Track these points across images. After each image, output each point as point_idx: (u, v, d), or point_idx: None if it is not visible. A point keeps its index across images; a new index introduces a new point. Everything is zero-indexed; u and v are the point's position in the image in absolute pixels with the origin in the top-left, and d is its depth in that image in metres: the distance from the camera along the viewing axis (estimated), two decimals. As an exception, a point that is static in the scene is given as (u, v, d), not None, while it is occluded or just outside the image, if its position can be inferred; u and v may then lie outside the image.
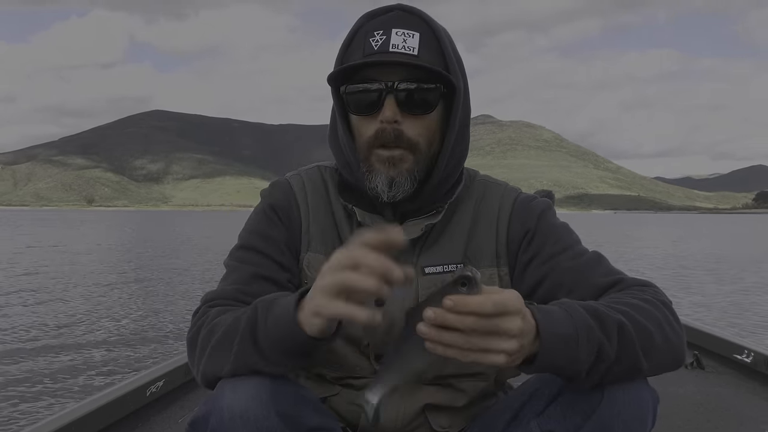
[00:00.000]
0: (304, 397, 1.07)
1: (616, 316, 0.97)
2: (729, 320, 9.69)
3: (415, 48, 1.13)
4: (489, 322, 0.83)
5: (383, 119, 1.13)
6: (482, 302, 0.82)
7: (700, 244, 32.73)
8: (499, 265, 1.23)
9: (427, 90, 1.14)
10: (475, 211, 1.25)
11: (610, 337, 0.95)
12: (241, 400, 1.00)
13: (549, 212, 1.26)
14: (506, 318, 0.84)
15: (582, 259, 1.19)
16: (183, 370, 2.84)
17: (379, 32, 1.14)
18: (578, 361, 0.93)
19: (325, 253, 1.22)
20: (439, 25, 1.18)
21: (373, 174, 1.17)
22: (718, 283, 14.99)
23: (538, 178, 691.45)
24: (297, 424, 1.03)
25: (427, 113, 1.15)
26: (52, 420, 2.01)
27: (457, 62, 1.18)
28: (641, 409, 1.01)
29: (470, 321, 0.82)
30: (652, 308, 1.04)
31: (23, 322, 9.22)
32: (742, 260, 22.09)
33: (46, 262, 19.12)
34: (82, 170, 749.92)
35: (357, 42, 1.17)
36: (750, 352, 3.20)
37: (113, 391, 2.38)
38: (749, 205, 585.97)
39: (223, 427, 0.99)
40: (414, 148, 1.16)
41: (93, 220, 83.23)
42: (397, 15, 1.16)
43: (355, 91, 1.16)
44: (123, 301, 11.45)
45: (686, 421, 2.64)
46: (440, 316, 0.82)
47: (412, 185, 1.17)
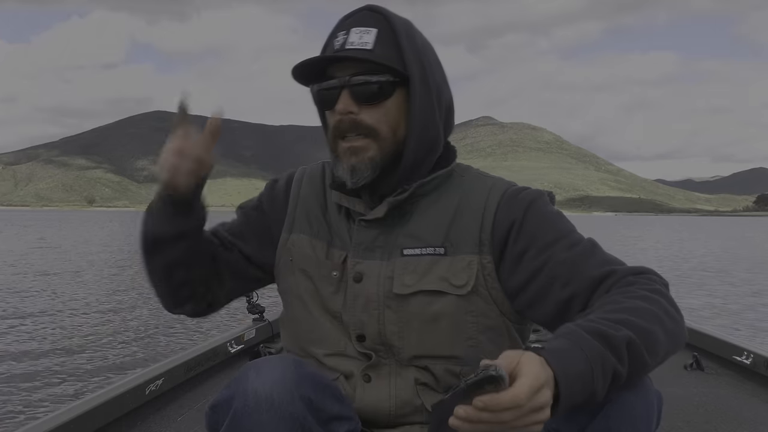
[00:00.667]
0: (327, 385, 1.10)
1: (622, 333, 0.96)
2: (749, 323, 9.61)
3: (370, 43, 1.21)
4: (524, 409, 0.83)
5: (338, 111, 1.22)
6: (515, 397, 0.82)
7: (710, 245, 32.61)
8: (481, 253, 1.22)
9: (377, 81, 1.21)
10: (462, 199, 1.27)
11: (621, 358, 0.95)
12: (267, 384, 1.01)
13: (539, 202, 1.25)
14: (538, 395, 0.84)
15: (576, 250, 1.18)
16: (182, 368, 2.85)
17: (342, 32, 1.23)
18: (595, 394, 0.93)
19: (309, 234, 1.32)
20: (400, 20, 1.25)
21: (338, 163, 1.25)
22: (732, 285, 14.90)
23: (538, 180, 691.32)
24: (319, 410, 1.05)
25: (382, 101, 1.22)
26: (50, 418, 2.00)
27: (415, 53, 1.23)
28: (647, 410, 1.02)
29: (506, 416, 0.82)
30: (650, 304, 1.04)
31: (24, 320, 9.13)
32: (754, 261, 22.01)
33: (49, 260, 19.05)
34: (82, 171, 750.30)
35: (327, 42, 1.26)
36: (750, 354, 3.20)
37: (112, 389, 2.38)
38: (750, 207, 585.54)
39: (248, 410, 1.00)
40: (375, 135, 1.22)
41: (99, 220, 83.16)
42: (361, 15, 1.25)
43: (319, 89, 1.25)
44: (122, 299, 11.38)
45: (686, 423, 2.64)
46: (474, 416, 0.82)
47: (374, 172, 1.23)
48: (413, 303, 1.22)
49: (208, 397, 2.78)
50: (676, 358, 3.78)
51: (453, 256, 1.22)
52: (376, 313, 1.23)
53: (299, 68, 1.24)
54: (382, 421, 1.24)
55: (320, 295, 1.29)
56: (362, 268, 1.25)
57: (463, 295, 1.21)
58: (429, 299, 1.21)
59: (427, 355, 1.24)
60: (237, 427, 1.01)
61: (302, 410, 1.02)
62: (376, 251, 1.26)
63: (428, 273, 1.22)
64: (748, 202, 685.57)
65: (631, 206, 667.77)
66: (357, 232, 1.28)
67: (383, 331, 1.23)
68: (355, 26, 1.23)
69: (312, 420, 1.03)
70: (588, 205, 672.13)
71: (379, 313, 1.23)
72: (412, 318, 1.22)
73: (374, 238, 1.27)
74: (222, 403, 1.04)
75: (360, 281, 1.25)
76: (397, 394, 1.24)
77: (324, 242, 1.31)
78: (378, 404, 1.24)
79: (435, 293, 1.21)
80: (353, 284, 1.25)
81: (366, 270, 1.25)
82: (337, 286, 1.27)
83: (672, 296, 1.10)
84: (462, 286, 1.21)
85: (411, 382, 1.24)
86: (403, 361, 1.25)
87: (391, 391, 1.24)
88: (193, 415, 2.59)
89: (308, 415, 1.02)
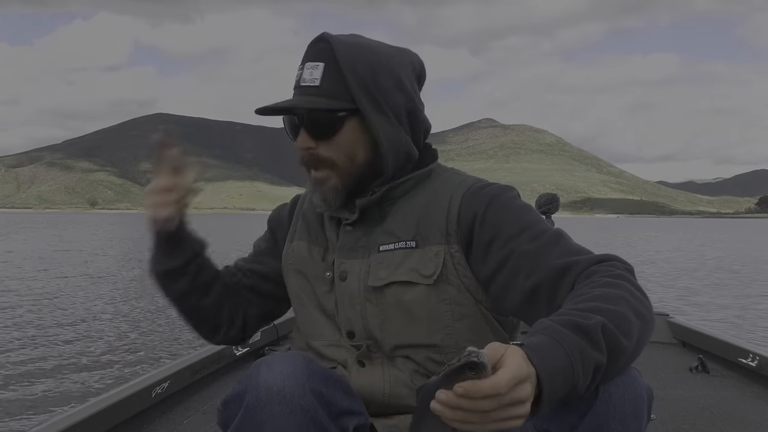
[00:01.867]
0: (337, 380, 1.12)
1: (594, 320, 0.96)
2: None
3: (318, 79, 1.26)
4: (504, 399, 0.83)
5: (297, 147, 1.30)
6: (495, 385, 0.82)
7: (717, 247, 32.53)
8: (448, 243, 1.27)
9: (328, 116, 1.27)
10: (432, 195, 1.32)
11: (598, 346, 0.95)
12: (278, 378, 1.03)
13: (505, 196, 1.28)
14: (519, 387, 0.84)
15: (540, 240, 1.20)
16: (188, 371, 2.87)
17: (300, 67, 1.29)
18: (577, 386, 0.93)
19: (307, 241, 1.41)
20: (344, 47, 1.27)
21: (312, 192, 1.36)
22: (737, 286, 14.89)
23: (540, 182, 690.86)
24: (330, 404, 1.07)
25: (335, 135, 1.28)
26: (57, 421, 2.02)
27: (360, 82, 1.26)
28: (636, 405, 1.02)
29: (486, 404, 0.82)
30: (615, 288, 1.05)
31: (29, 323, 9.15)
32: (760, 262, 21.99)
33: (55, 262, 19.06)
34: (85, 173, 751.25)
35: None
36: (755, 356, 3.17)
37: (118, 392, 2.39)
38: (752, 209, 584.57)
39: (260, 403, 1.02)
40: (333, 167, 1.29)
41: (102, 223, 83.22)
42: (313, 48, 1.29)
43: (285, 123, 1.34)
44: (128, 301, 11.39)
45: (691, 426, 2.62)
46: (454, 401, 0.83)
47: (341, 198, 1.31)
48: (388, 295, 1.27)
49: (213, 399, 2.80)
50: (680, 360, 3.67)
51: (423, 248, 1.27)
52: (359, 308, 1.29)
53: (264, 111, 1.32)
54: (377, 402, 1.27)
55: (316, 295, 1.37)
56: (346, 267, 1.32)
57: (432, 284, 1.25)
58: (402, 290, 1.26)
59: (407, 344, 1.28)
60: (249, 420, 1.03)
61: (313, 404, 1.03)
62: (358, 251, 1.32)
63: (401, 265, 1.27)
64: (750, 204, 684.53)
65: (632, 208, 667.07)
66: (342, 235, 1.35)
67: (367, 325, 1.29)
68: (308, 60, 1.28)
69: (323, 413, 1.05)
70: (590, 207, 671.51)
71: (362, 308, 1.29)
72: (389, 309, 1.27)
73: (357, 239, 1.34)
74: (234, 398, 1.06)
75: (345, 280, 1.32)
76: (391, 376, 1.28)
77: (321, 248, 1.39)
78: (373, 387, 1.28)
79: (406, 284, 1.26)
80: (340, 283, 1.33)
81: (349, 269, 1.32)
82: (330, 286, 1.34)
83: (636, 280, 1.11)
84: (430, 276, 1.25)
85: (403, 368, 1.29)
86: (388, 353, 1.30)
87: (384, 375, 1.28)
88: (199, 418, 2.60)
89: (319, 409, 1.04)
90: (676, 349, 4.03)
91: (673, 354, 3.90)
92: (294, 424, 1.02)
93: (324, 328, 1.35)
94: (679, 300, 12.54)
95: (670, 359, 3.76)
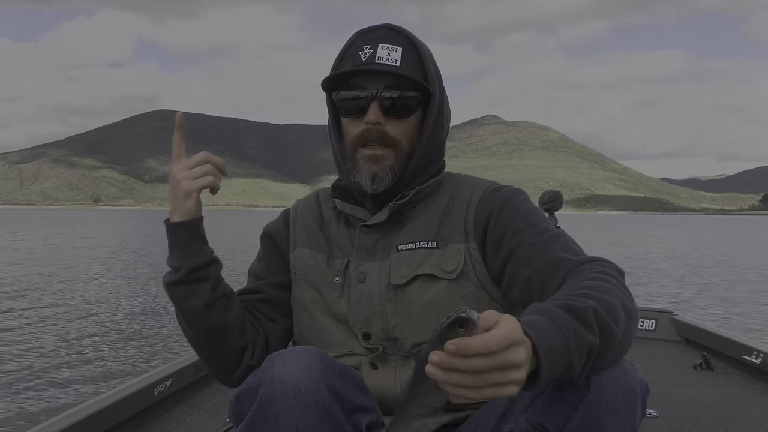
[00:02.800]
0: (352, 376, 1.12)
1: (587, 303, 0.99)
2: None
3: (398, 60, 1.30)
4: (496, 359, 0.83)
5: (368, 121, 1.30)
6: (486, 342, 0.82)
7: (720, 245, 32.42)
8: (467, 241, 1.31)
9: (407, 97, 1.31)
10: (450, 198, 1.38)
11: (591, 328, 0.96)
12: (293, 372, 1.03)
13: (517, 198, 1.35)
14: (511, 350, 0.84)
15: (542, 237, 1.26)
16: (191, 369, 2.86)
17: (367, 47, 1.31)
18: (573, 366, 0.94)
19: (309, 248, 1.41)
20: (421, 42, 1.35)
21: (358, 170, 1.33)
22: (741, 283, 14.79)
23: (544, 179, 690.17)
24: (344, 400, 1.07)
25: (407, 116, 1.32)
26: (60, 419, 2.02)
27: (435, 74, 1.34)
28: (629, 398, 1.02)
29: (477, 362, 0.82)
30: (603, 282, 1.08)
31: (33, 320, 9.10)
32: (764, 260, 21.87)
33: (61, 259, 19.03)
34: (88, 169, 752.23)
35: (349, 55, 1.34)
36: (759, 354, 3.17)
37: (121, 390, 2.39)
38: (756, 206, 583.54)
39: (275, 396, 1.02)
40: (396, 146, 1.32)
41: (105, 219, 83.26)
42: (384, 32, 1.33)
43: (346, 97, 1.33)
44: (131, 299, 11.34)
45: (695, 423, 2.62)
46: (446, 361, 0.82)
47: (392, 179, 1.32)
48: (410, 292, 1.29)
49: (216, 397, 2.80)
50: (684, 358, 3.67)
51: (443, 248, 1.31)
52: (379, 308, 1.30)
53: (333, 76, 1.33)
54: (387, 402, 1.28)
55: (325, 301, 1.36)
56: (365, 269, 1.34)
57: (454, 279, 1.29)
58: (424, 286, 1.29)
59: (426, 341, 1.23)
60: (263, 413, 1.03)
61: (327, 398, 1.04)
62: (377, 253, 1.34)
63: (423, 263, 1.30)
64: (753, 200, 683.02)
65: (637, 205, 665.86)
66: (358, 237, 1.36)
67: (386, 326, 1.30)
68: (382, 42, 1.31)
69: (337, 408, 1.05)
70: (593, 204, 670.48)
71: (382, 309, 1.30)
72: (410, 307, 1.29)
73: (375, 241, 1.35)
74: (248, 392, 1.06)
75: (363, 281, 1.33)
76: (402, 380, 1.28)
77: (324, 254, 1.39)
78: (384, 388, 1.29)
79: (429, 277, 1.29)
80: (357, 285, 1.33)
81: (368, 270, 1.33)
82: (340, 291, 1.34)
83: (624, 281, 1.14)
84: (452, 271, 1.29)
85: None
86: (406, 352, 1.30)
87: (396, 378, 1.29)
88: (202, 416, 2.59)
89: (333, 404, 1.05)
90: (680, 347, 4.02)
91: (677, 351, 3.90)
92: (308, 418, 1.02)
93: (334, 336, 1.35)
94: (692, 297, 12.44)
95: (674, 356, 3.76)
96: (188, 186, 1.26)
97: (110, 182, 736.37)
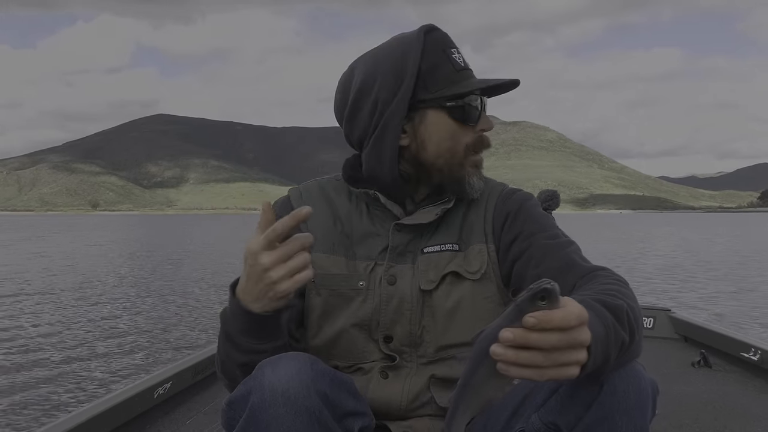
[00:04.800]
0: (343, 381, 1.10)
1: (620, 302, 1.00)
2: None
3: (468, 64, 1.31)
4: (571, 336, 0.81)
5: (487, 129, 1.32)
6: (566, 316, 0.80)
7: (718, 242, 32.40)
8: (487, 242, 1.32)
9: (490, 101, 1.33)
10: (467, 199, 1.36)
11: (623, 326, 0.98)
12: (283, 379, 1.01)
13: (530, 201, 1.37)
14: (582, 328, 0.83)
15: (555, 240, 1.28)
16: (190, 372, 2.86)
17: (452, 50, 1.29)
18: (609, 359, 0.94)
19: (324, 251, 1.31)
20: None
21: (468, 176, 1.32)
22: (739, 281, 14.78)
23: (542, 179, 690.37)
24: (335, 406, 1.06)
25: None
26: (60, 422, 2.01)
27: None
28: (641, 398, 1.03)
29: (554, 338, 0.80)
30: (623, 287, 1.10)
31: (32, 325, 9.08)
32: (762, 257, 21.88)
33: (58, 264, 19.00)
34: (86, 175, 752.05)
35: (435, 56, 1.27)
36: (757, 351, 3.18)
37: (121, 393, 2.38)
38: (754, 203, 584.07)
39: (265, 404, 1.01)
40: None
41: (104, 225, 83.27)
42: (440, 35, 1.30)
43: (471, 103, 1.29)
44: (130, 302, 11.32)
45: (694, 420, 2.62)
46: (521, 337, 0.80)
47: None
48: (435, 295, 1.28)
49: (216, 400, 2.80)
50: (683, 355, 3.68)
51: (465, 250, 1.31)
52: (408, 312, 1.28)
53: (480, 82, 1.29)
54: (393, 414, 1.27)
55: (345, 307, 1.30)
56: (395, 272, 1.30)
57: (477, 280, 1.29)
58: (449, 288, 1.28)
59: (452, 344, 1.28)
60: (254, 421, 1.02)
61: (318, 405, 1.02)
62: (407, 255, 1.31)
63: (448, 266, 1.30)
64: (752, 197, 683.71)
65: (635, 204, 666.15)
66: (392, 235, 1.32)
67: (413, 330, 1.28)
68: (451, 47, 1.29)
69: (328, 414, 1.04)
70: (592, 203, 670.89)
71: (411, 313, 1.28)
72: (436, 310, 1.28)
73: (407, 242, 1.32)
74: (239, 399, 1.05)
75: (394, 284, 1.29)
76: (410, 389, 1.27)
77: (342, 256, 1.32)
78: (390, 400, 1.27)
79: (454, 278, 1.28)
80: (387, 287, 1.29)
81: (399, 273, 1.30)
82: (365, 295, 1.29)
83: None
84: (476, 272, 1.29)
85: (426, 380, 1.28)
86: (426, 357, 1.29)
87: (404, 387, 1.28)
88: (201, 419, 2.59)
89: (324, 410, 1.03)
90: (678, 344, 4.04)
91: (675, 349, 3.92)
92: (299, 425, 1.01)
93: (351, 343, 1.30)
94: (690, 295, 12.44)
95: (673, 354, 3.77)
96: (286, 287, 1.05)
97: (108, 187, 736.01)
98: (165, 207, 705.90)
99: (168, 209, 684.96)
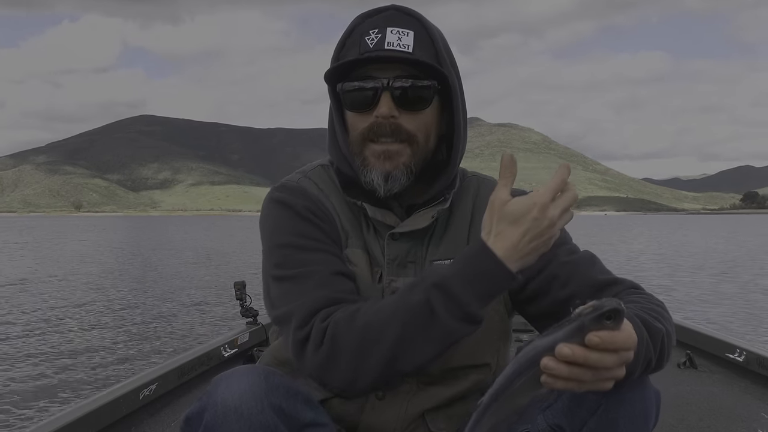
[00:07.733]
0: (298, 392, 1.08)
1: (659, 326, 0.99)
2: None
3: (410, 45, 1.16)
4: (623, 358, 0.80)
5: (379, 115, 1.16)
6: (628, 339, 0.79)
7: (699, 244, 32.67)
8: None
9: (422, 86, 1.17)
10: (474, 203, 1.29)
11: (656, 348, 0.98)
12: (235, 395, 1.00)
13: None
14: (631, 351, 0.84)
15: (577, 256, 1.22)
16: (176, 373, 2.82)
17: (374, 31, 1.17)
18: (632, 375, 0.94)
19: (359, 247, 1.24)
20: (433, 25, 1.21)
21: (368, 168, 1.19)
22: (726, 282, 14.95)
23: (526, 180, 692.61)
24: (291, 418, 1.04)
25: (423, 109, 1.19)
26: (43, 424, 2.00)
27: (449, 61, 1.21)
28: (646, 407, 1.03)
29: (611, 359, 0.78)
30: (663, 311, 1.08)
31: (15, 326, 9.04)
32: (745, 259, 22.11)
33: (41, 265, 18.88)
34: (69, 176, 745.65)
35: (352, 40, 1.19)
36: (742, 351, 3.21)
37: (106, 394, 2.37)
38: (737, 205, 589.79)
39: (218, 421, 1.00)
40: (412, 141, 1.19)
41: (87, 226, 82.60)
42: (391, 14, 1.19)
43: (352, 88, 1.18)
44: (114, 304, 11.28)
45: (679, 420, 2.64)
46: (581, 356, 0.77)
47: (408, 178, 1.19)
48: None
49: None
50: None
51: None
52: None
53: (338, 66, 1.18)
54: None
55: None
56: (398, 285, 1.22)
57: None
58: None
59: (460, 366, 1.23)
60: None
61: (273, 419, 1.01)
62: (408, 266, 1.24)
63: None
64: (734, 200, 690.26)
65: (619, 205, 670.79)
66: (388, 246, 1.23)
67: None
68: (390, 25, 1.17)
69: (284, 428, 1.03)
70: (576, 205, 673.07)
71: None
72: None
73: (406, 252, 1.24)
74: (195, 416, 1.04)
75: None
76: (407, 414, 1.22)
77: (370, 256, 1.26)
78: (385, 424, 1.22)
79: None
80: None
81: (401, 287, 1.18)
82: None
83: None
84: None
85: (423, 403, 1.23)
86: (429, 378, 1.22)
87: (400, 412, 1.22)
88: None
89: (280, 424, 1.02)
90: None
91: None
92: None
93: None
94: (675, 296, 12.57)
95: None
96: (559, 226, 1.04)
97: (92, 188, 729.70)
98: (149, 208, 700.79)
99: (152, 210, 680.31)
